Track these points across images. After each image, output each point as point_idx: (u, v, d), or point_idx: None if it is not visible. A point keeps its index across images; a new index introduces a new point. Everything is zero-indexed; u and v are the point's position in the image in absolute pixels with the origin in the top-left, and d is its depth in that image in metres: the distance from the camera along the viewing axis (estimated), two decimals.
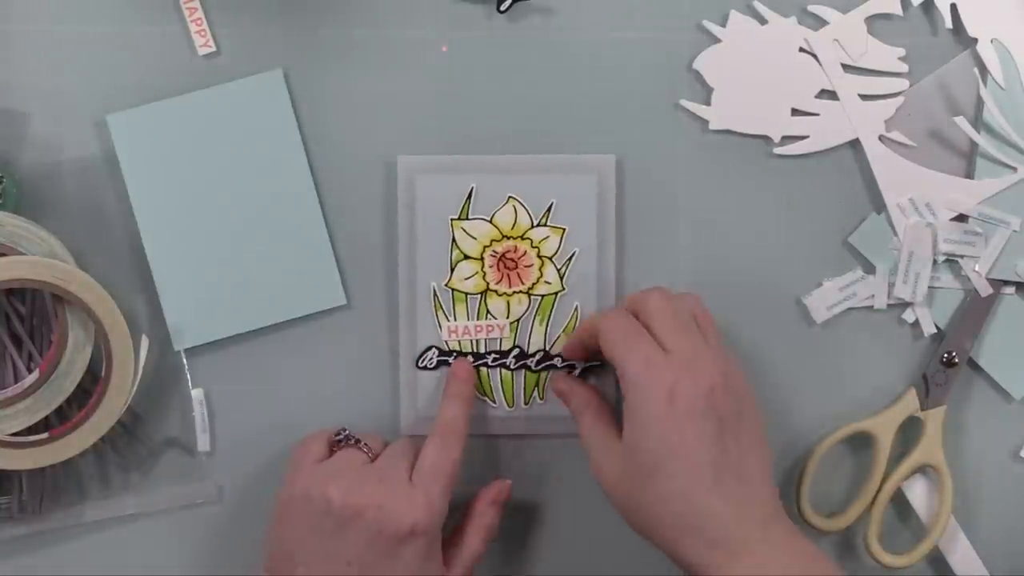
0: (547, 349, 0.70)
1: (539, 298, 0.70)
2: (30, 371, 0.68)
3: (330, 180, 0.70)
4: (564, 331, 0.70)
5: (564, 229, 0.70)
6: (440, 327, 0.70)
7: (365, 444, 0.65)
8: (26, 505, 0.69)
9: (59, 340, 0.66)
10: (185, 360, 0.70)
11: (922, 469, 0.72)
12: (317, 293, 0.70)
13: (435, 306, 0.70)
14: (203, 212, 0.69)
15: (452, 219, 0.70)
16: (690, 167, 0.71)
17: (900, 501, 0.72)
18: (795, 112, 0.71)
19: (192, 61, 0.69)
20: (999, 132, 0.71)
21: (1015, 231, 0.71)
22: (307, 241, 0.70)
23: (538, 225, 0.70)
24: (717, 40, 0.71)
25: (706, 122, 0.71)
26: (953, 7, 0.71)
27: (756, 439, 0.61)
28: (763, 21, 0.71)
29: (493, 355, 0.70)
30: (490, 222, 0.70)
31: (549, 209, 0.70)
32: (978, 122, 0.71)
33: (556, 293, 0.70)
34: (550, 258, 0.70)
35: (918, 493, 0.72)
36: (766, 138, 0.71)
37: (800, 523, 0.70)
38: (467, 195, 0.70)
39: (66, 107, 0.69)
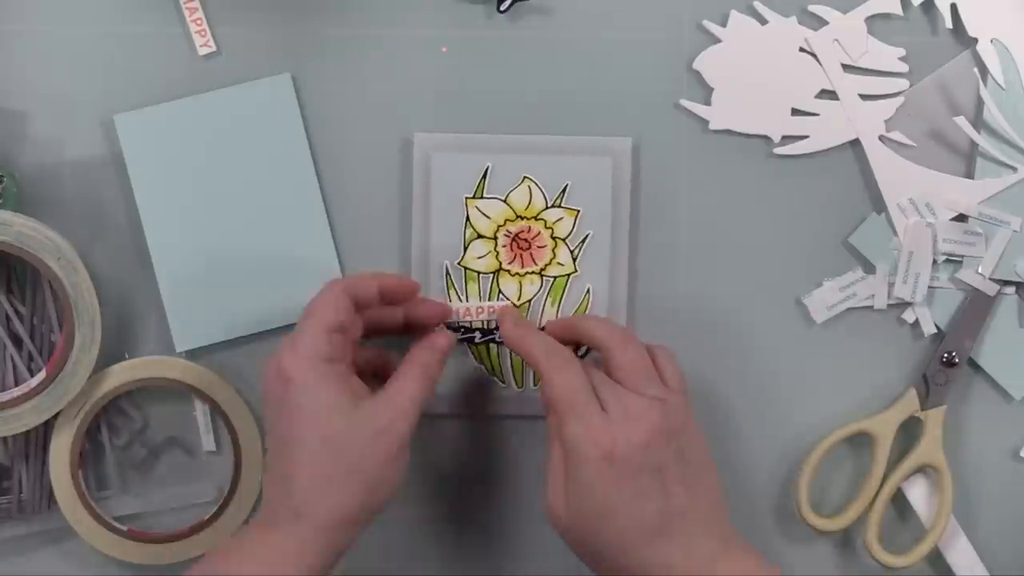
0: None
1: (551, 279, 0.70)
2: (31, 371, 0.68)
3: (333, 181, 0.70)
4: (575, 312, 0.70)
5: (578, 211, 0.70)
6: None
7: None
8: (26, 505, 0.69)
9: (66, 340, 0.66)
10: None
11: (922, 469, 0.72)
12: None
13: (447, 284, 0.70)
14: (208, 214, 0.69)
15: (467, 197, 0.70)
16: (690, 167, 0.71)
17: (900, 501, 0.72)
18: (795, 112, 0.71)
19: (192, 61, 0.69)
20: (999, 132, 0.71)
21: (1015, 231, 0.71)
22: (311, 243, 0.70)
23: (553, 206, 0.70)
24: (717, 40, 0.71)
25: (706, 122, 0.71)
26: (953, 7, 0.71)
27: (703, 471, 0.61)
28: (763, 21, 0.71)
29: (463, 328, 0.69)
30: (504, 202, 0.70)
31: (564, 190, 0.70)
32: (978, 122, 0.71)
33: (568, 275, 0.70)
34: (564, 239, 0.70)
35: (918, 493, 0.72)
36: (766, 138, 0.71)
37: (800, 523, 0.70)
38: (483, 174, 0.69)
39: (66, 107, 0.69)
